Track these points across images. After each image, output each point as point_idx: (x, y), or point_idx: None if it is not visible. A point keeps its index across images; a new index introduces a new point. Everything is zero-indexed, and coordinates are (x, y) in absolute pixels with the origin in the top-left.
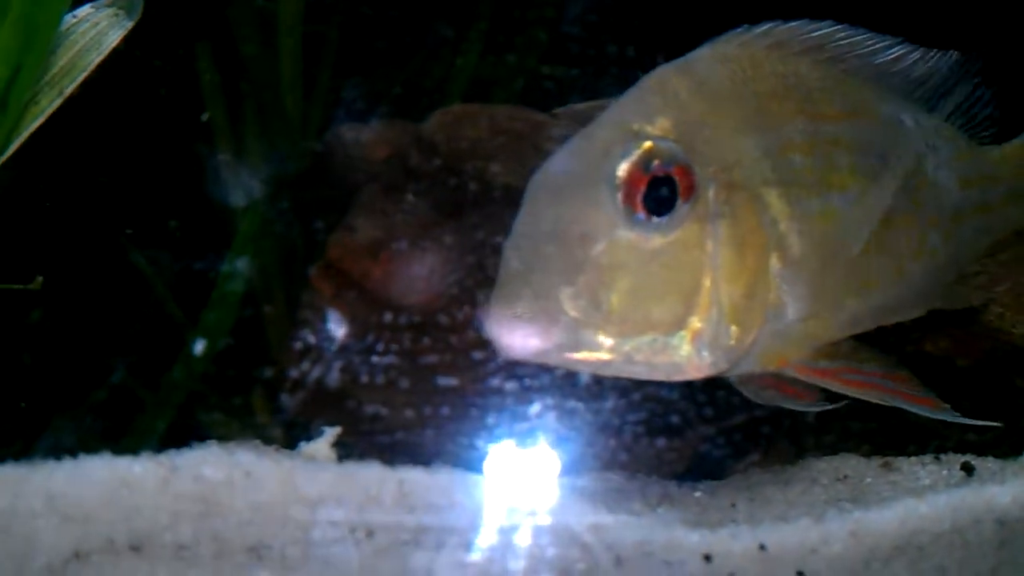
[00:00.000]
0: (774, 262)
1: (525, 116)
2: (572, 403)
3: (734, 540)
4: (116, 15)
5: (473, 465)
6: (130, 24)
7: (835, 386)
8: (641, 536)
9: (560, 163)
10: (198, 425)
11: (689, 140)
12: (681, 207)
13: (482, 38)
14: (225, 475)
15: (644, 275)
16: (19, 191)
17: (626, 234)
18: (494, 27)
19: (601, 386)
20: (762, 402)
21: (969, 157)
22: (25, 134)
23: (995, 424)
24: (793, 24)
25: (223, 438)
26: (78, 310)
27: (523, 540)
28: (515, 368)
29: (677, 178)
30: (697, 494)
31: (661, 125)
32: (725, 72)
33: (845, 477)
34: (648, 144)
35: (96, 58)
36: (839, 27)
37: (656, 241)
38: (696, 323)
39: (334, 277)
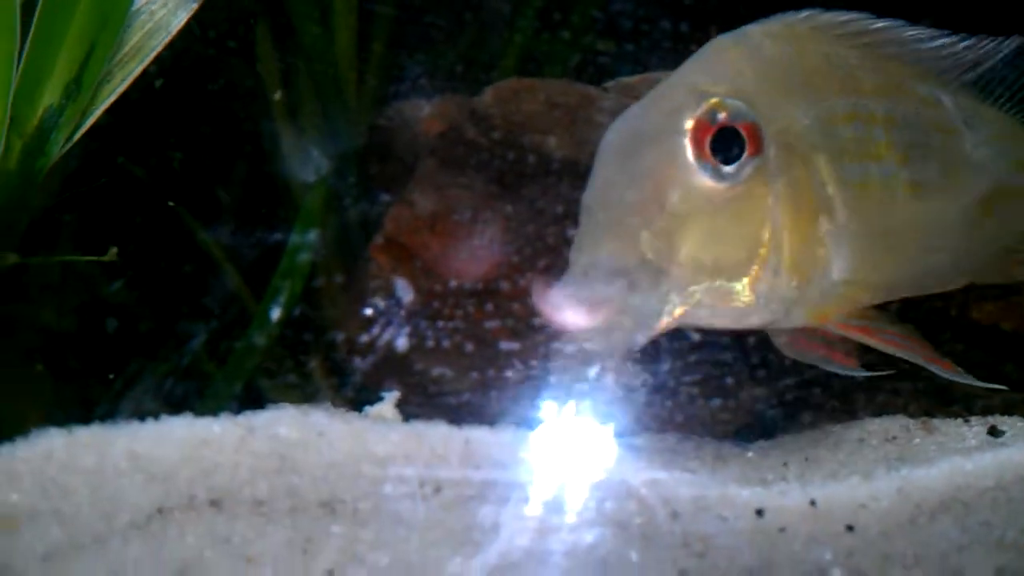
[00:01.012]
0: (823, 222)
1: (578, 90)
2: (629, 366)
3: (785, 496)
4: None
5: (535, 425)
6: (195, 5)
7: (871, 342)
8: (696, 492)
9: (631, 120)
10: (271, 389)
11: (752, 101)
12: (747, 160)
13: (536, 14)
14: (299, 435)
15: (714, 222)
16: (93, 167)
17: (697, 181)
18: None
19: (657, 349)
20: (806, 362)
21: (1015, 139)
22: (98, 112)
23: (1002, 387)
24: (835, 12)
25: (294, 402)
26: (151, 281)
27: (582, 495)
28: (573, 333)
29: (744, 131)
30: (750, 454)
31: (726, 86)
32: (775, 46)
33: (894, 438)
34: (715, 99)
35: (165, 38)
36: (884, 19)
37: (724, 190)
38: (757, 271)
39: (393, 250)
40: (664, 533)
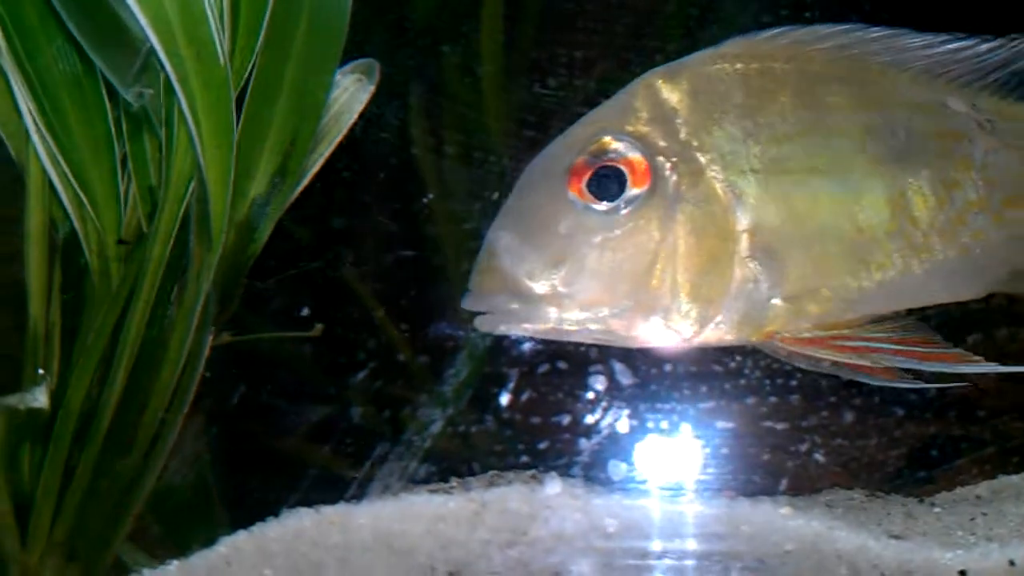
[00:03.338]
0: (744, 244)
1: None
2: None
3: (985, 558)
4: (360, 80)
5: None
6: (372, 87)
7: (824, 353)
8: (901, 555)
9: (538, 159)
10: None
11: (654, 134)
12: (632, 193)
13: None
14: (529, 509)
15: (596, 255)
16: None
17: (579, 218)
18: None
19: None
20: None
21: None
22: (294, 195)
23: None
24: (816, 27)
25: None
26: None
27: (800, 562)
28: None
29: (625, 168)
30: (936, 510)
31: (626, 122)
32: (717, 70)
33: None
34: (602, 140)
35: (349, 120)
36: (882, 28)
37: (607, 224)
38: (649, 298)
39: None
40: None
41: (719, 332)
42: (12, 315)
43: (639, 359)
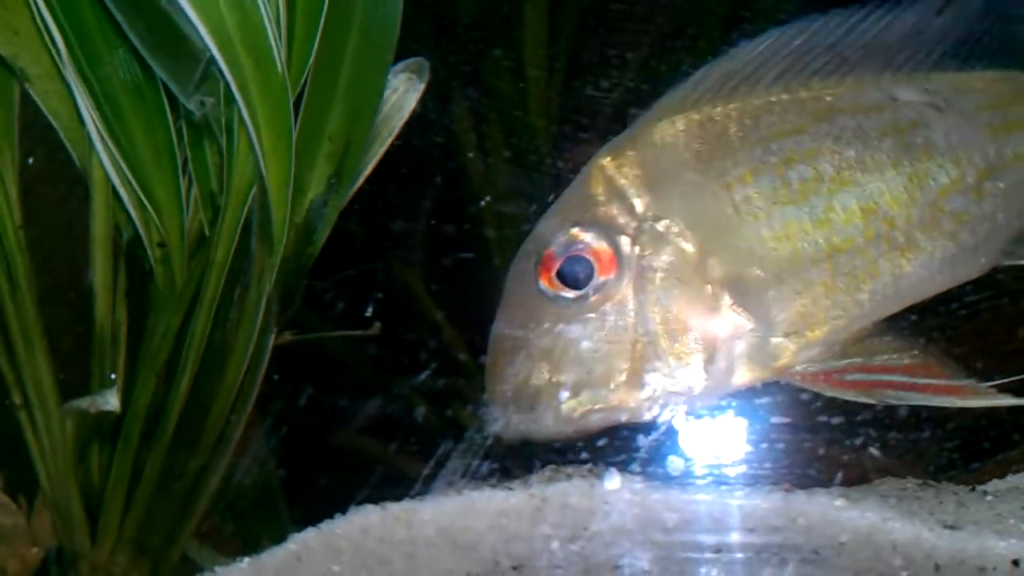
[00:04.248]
0: (722, 292)
1: None
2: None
3: None
4: (410, 79)
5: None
6: (422, 87)
7: (834, 391)
8: (955, 544)
9: (517, 257)
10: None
11: (613, 215)
12: (599, 281)
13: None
14: (588, 504)
15: (578, 341)
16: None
17: (553, 307)
18: None
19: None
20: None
21: (1012, 100)
22: (349, 195)
23: None
24: (735, 60)
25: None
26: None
27: (855, 552)
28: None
29: (591, 257)
30: (988, 498)
31: (585, 209)
32: (660, 134)
33: None
34: (570, 232)
35: (399, 122)
36: (808, 33)
37: (580, 309)
38: (641, 369)
39: None
40: None
41: (726, 379)
42: (79, 319)
43: None
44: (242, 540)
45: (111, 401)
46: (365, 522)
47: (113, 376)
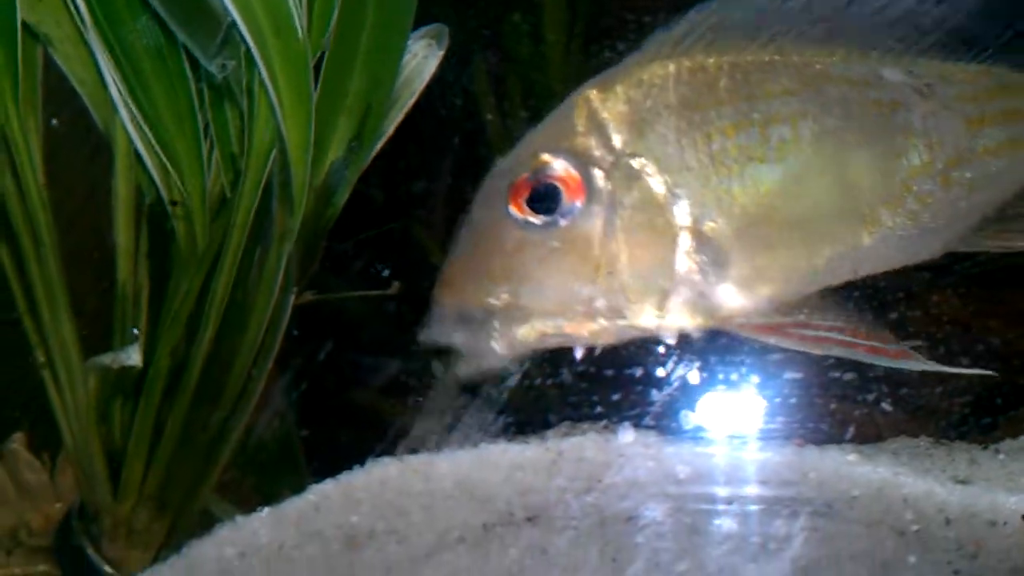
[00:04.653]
0: (687, 240)
1: None
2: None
3: None
4: (429, 45)
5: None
6: (441, 52)
7: (781, 341)
8: (966, 499)
9: (485, 182)
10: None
11: (589, 146)
12: (570, 207)
13: None
14: (604, 457)
15: (542, 267)
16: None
17: (522, 232)
18: None
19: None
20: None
21: (991, 95)
22: (369, 158)
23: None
24: (737, 11)
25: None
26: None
27: (864, 506)
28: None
29: (560, 184)
30: (1001, 456)
31: (562, 137)
32: (649, 74)
33: None
34: (540, 158)
35: (419, 86)
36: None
37: (548, 236)
38: (599, 302)
39: None
40: (939, 538)
41: (673, 322)
42: (102, 279)
43: None
44: (262, 494)
45: (133, 356)
46: (383, 474)
47: (136, 331)
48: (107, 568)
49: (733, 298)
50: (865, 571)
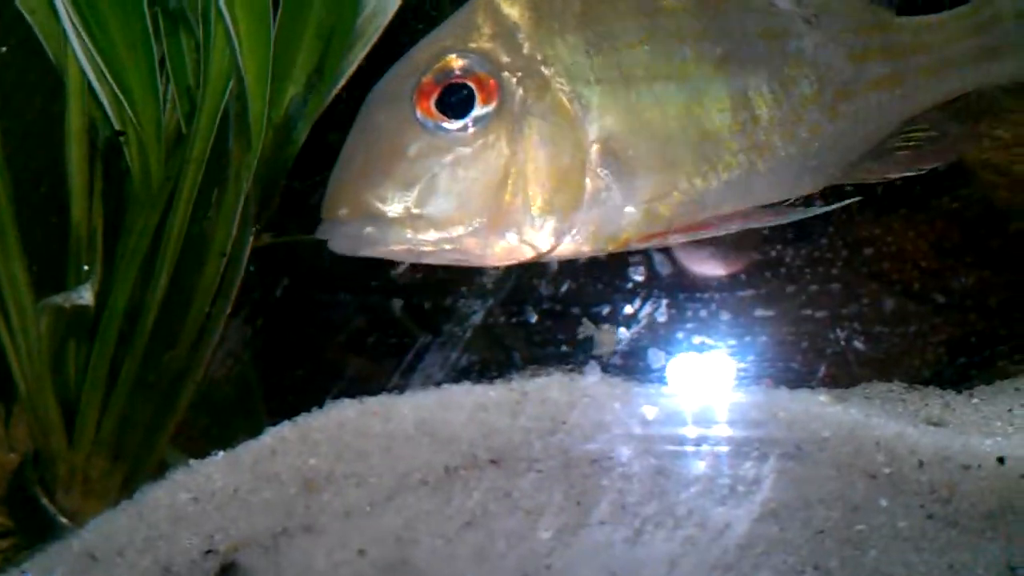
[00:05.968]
0: (594, 154)
1: None
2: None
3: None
4: None
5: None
6: None
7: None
8: (939, 442)
9: (381, 83)
10: (541, 358)
11: (498, 50)
12: (481, 111)
13: None
14: (569, 398)
15: (448, 174)
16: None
17: (427, 138)
18: None
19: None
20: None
21: (872, 31)
22: (331, 96)
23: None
24: None
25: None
26: None
27: (836, 448)
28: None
29: (473, 85)
30: (975, 400)
31: (469, 39)
32: None
33: None
34: (448, 58)
35: (383, 21)
36: None
37: (457, 142)
38: (502, 215)
39: None
40: (912, 481)
41: (575, 244)
42: (54, 218)
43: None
44: (218, 438)
45: (84, 295)
46: (342, 416)
47: (86, 268)
48: (62, 519)
49: (635, 220)
50: (836, 514)
